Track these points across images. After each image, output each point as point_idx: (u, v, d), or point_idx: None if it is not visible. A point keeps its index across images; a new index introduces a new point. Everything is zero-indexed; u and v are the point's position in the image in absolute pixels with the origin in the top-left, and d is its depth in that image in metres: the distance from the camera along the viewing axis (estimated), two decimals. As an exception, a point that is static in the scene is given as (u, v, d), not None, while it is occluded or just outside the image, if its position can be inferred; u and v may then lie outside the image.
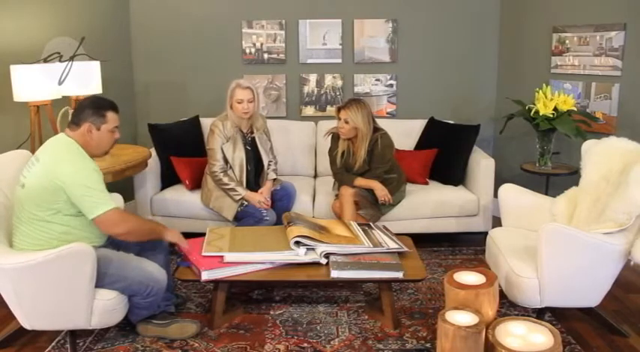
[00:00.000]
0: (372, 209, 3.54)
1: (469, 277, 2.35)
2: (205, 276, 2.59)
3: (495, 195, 3.36)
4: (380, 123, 3.60)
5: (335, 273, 2.61)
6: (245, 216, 3.46)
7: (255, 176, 3.64)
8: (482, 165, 3.79)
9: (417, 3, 4.41)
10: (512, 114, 3.84)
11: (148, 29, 4.45)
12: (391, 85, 4.51)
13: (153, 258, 2.63)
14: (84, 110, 2.48)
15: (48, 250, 2.26)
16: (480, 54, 4.47)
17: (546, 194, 3.35)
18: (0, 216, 2.49)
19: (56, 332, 2.67)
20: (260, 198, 3.45)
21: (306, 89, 4.54)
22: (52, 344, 2.62)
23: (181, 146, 3.96)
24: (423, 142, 4.18)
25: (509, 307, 2.90)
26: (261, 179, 3.65)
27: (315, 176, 4.29)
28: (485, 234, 3.11)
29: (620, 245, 2.45)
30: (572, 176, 3.48)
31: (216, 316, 2.77)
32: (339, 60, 4.48)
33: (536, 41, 4.10)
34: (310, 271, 2.68)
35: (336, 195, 3.63)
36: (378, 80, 4.51)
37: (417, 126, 4.27)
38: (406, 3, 4.40)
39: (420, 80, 4.50)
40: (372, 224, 3.19)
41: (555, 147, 3.74)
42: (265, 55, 4.48)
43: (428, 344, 2.61)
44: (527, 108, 3.70)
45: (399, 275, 2.62)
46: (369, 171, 3.52)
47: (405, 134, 4.20)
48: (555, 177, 3.67)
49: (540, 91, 3.66)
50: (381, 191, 3.49)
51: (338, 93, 4.53)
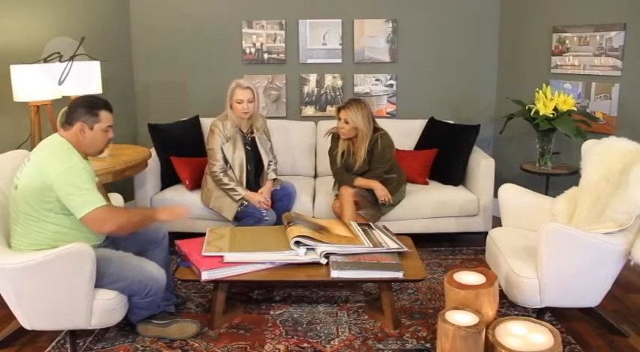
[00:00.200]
0: (372, 209, 3.54)
1: (469, 277, 2.35)
2: (205, 276, 2.59)
3: (495, 195, 3.36)
4: (380, 123, 3.60)
5: (335, 273, 2.61)
6: (245, 216, 3.46)
7: (255, 176, 3.64)
8: (482, 165, 3.79)
9: (417, 3, 4.41)
10: (512, 114, 3.84)
11: (148, 29, 4.45)
12: (391, 85, 4.51)
13: (152, 257, 2.63)
14: (77, 109, 2.43)
15: (47, 250, 2.26)
16: (480, 54, 4.47)
17: (546, 194, 3.35)
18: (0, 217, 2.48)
19: (56, 332, 2.67)
20: (260, 198, 3.45)
21: (306, 89, 4.54)
22: (52, 344, 2.62)
23: (181, 146, 3.96)
24: (423, 142, 4.18)
25: (509, 307, 2.90)
26: (261, 179, 3.65)
27: (315, 176, 4.29)
28: (486, 234, 3.11)
29: (620, 245, 2.45)
30: (572, 176, 3.48)
31: (216, 316, 2.77)
32: (339, 60, 4.48)
33: (536, 41, 4.10)
34: (310, 271, 2.68)
35: (336, 195, 3.63)
36: (378, 80, 4.50)
37: (417, 126, 4.27)
38: (406, 3, 4.40)
39: (420, 80, 4.50)
40: (372, 224, 3.19)
41: (555, 147, 3.74)
42: (265, 55, 4.48)
43: (428, 344, 2.61)
44: (527, 108, 3.70)
45: (399, 275, 2.62)
46: (369, 171, 3.52)
47: (405, 134, 4.20)
48: (555, 177, 3.67)
49: (540, 91, 3.66)
50: (381, 191, 3.49)
51: (338, 93, 4.53)
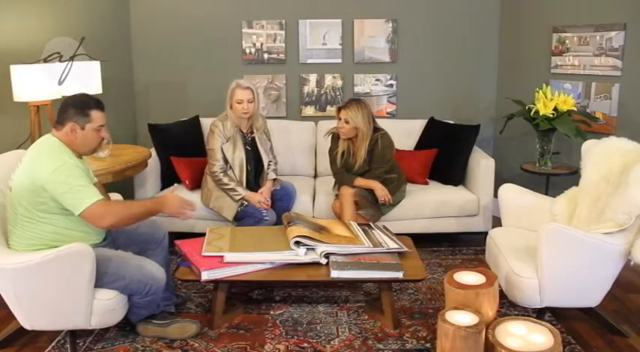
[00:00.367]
0: (372, 209, 3.53)
1: (469, 277, 2.35)
2: (205, 276, 2.59)
3: (495, 195, 3.36)
4: (380, 123, 3.60)
5: (335, 273, 2.61)
6: (245, 216, 3.46)
7: (255, 176, 3.64)
8: (482, 165, 3.79)
9: (417, 3, 4.41)
10: (512, 114, 3.84)
11: (148, 29, 4.45)
12: (391, 85, 4.51)
13: (152, 257, 2.63)
14: (68, 109, 2.40)
15: (47, 250, 2.26)
16: (480, 54, 4.47)
17: (546, 194, 3.35)
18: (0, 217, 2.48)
19: (56, 332, 2.67)
20: (260, 198, 3.45)
21: (306, 89, 4.54)
22: (52, 344, 2.62)
23: (181, 146, 3.96)
24: (423, 142, 4.18)
25: (509, 307, 2.90)
26: (261, 179, 3.65)
27: (315, 176, 4.29)
28: (486, 234, 3.11)
29: (620, 245, 2.45)
30: (572, 176, 3.48)
31: (216, 316, 2.77)
32: (339, 60, 4.48)
33: (536, 41, 4.10)
34: (310, 271, 2.67)
35: (336, 195, 3.63)
36: (378, 80, 4.50)
37: (417, 126, 4.27)
38: (406, 3, 4.40)
39: (420, 80, 4.50)
40: (372, 224, 3.19)
41: (555, 147, 3.74)
42: (265, 55, 4.47)
43: (428, 344, 2.61)
44: (527, 108, 3.69)
45: (399, 275, 2.62)
46: (369, 171, 3.52)
47: (405, 134, 4.20)
48: (555, 177, 3.67)
49: (540, 91, 3.66)
50: (381, 191, 3.49)
51: (338, 93, 4.53)
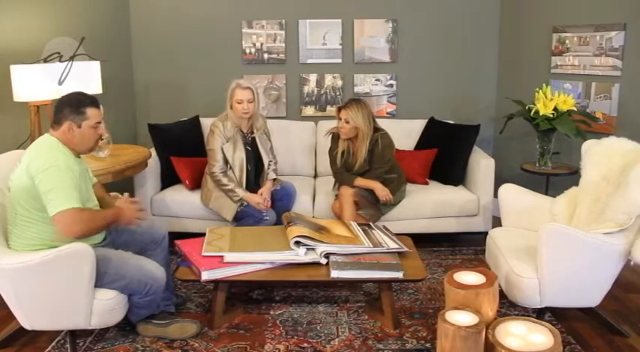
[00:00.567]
0: (371, 209, 3.53)
1: (469, 277, 2.35)
2: (205, 276, 2.59)
3: (495, 195, 3.36)
4: (380, 123, 3.60)
5: (335, 273, 2.61)
6: (245, 216, 3.46)
7: (256, 176, 3.64)
8: (482, 165, 3.79)
9: (417, 3, 4.40)
10: (512, 114, 3.84)
11: (148, 29, 4.45)
12: (391, 85, 4.51)
13: (152, 257, 2.63)
14: (63, 109, 2.39)
15: (47, 250, 2.26)
16: (480, 54, 4.47)
17: (546, 194, 3.35)
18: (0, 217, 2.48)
19: (56, 332, 2.67)
20: (259, 199, 3.45)
21: (306, 89, 4.54)
22: (52, 344, 2.62)
23: (181, 146, 3.96)
24: (423, 142, 4.18)
25: (509, 307, 2.90)
26: (261, 179, 3.65)
27: (315, 176, 4.29)
28: (486, 234, 3.11)
29: (620, 245, 2.45)
30: (572, 176, 3.48)
31: (216, 316, 2.77)
32: (339, 60, 4.47)
33: (536, 41, 4.10)
34: (310, 271, 2.67)
35: (336, 195, 3.63)
36: (378, 80, 4.50)
37: (417, 126, 4.27)
38: (406, 3, 4.40)
39: (420, 80, 4.50)
40: (372, 224, 3.19)
41: (555, 147, 3.74)
42: (265, 55, 4.47)
43: (428, 344, 2.61)
44: (527, 108, 3.69)
45: (399, 275, 2.62)
46: (369, 171, 3.52)
47: (405, 134, 4.20)
48: (555, 177, 3.67)
49: (540, 91, 3.66)
50: (382, 191, 3.48)
51: (338, 93, 4.53)
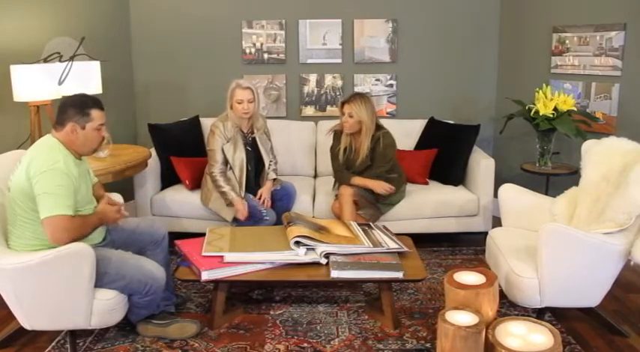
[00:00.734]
0: (371, 209, 3.53)
1: (469, 277, 2.35)
2: (205, 276, 2.59)
3: (495, 195, 3.36)
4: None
5: (335, 273, 2.61)
6: (245, 216, 3.46)
7: (256, 176, 3.64)
8: (482, 165, 3.79)
9: (417, 3, 4.40)
10: (512, 114, 3.84)
11: (148, 29, 4.45)
12: (391, 85, 4.51)
13: (152, 257, 2.64)
14: (67, 110, 2.39)
15: (47, 250, 2.25)
16: (480, 54, 4.47)
17: (546, 194, 3.35)
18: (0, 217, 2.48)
19: (56, 332, 2.67)
20: (241, 207, 3.38)
21: (306, 89, 4.54)
22: (52, 344, 2.62)
23: (181, 146, 3.96)
24: (423, 142, 4.18)
25: (509, 307, 2.90)
26: (262, 179, 3.65)
27: (315, 176, 4.29)
28: (486, 234, 3.11)
29: (620, 245, 2.45)
30: (572, 176, 3.48)
31: (216, 316, 2.77)
32: (339, 60, 4.47)
33: (536, 41, 4.10)
34: (310, 271, 2.67)
35: (336, 195, 3.62)
36: (378, 80, 4.50)
37: (417, 126, 4.27)
38: (406, 3, 4.40)
39: (420, 80, 4.50)
40: (372, 224, 3.19)
41: (555, 147, 3.74)
42: (265, 55, 4.47)
43: (428, 344, 2.61)
44: (527, 108, 3.69)
45: (399, 275, 2.62)
46: (370, 170, 3.51)
47: (405, 134, 4.19)
48: (555, 177, 3.67)
49: (540, 91, 3.66)
50: (379, 187, 3.47)
51: (338, 94, 4.53)
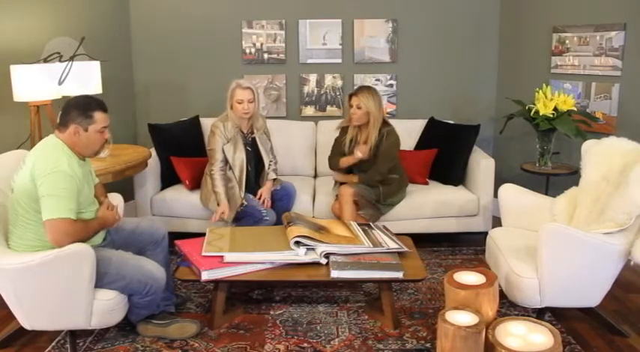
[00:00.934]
0: (371, 209, 3.54)
1: (469, 277, 2.35)
2: (205, 276, 2.59)
3: (495, 195, 3.36)
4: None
5: (335, 273, 2.61)
6: (245, 216, 3.46)
7: (256, 176, 3.64)
8: (482, 165, 3.79)
9: (417, 3, 4.40)
10: (512, 114, 3.84)
11: (148, 29, 4.45)
12: (391, 85, 4.51)
13: (152, 257, 2.64)
14: (70, 111, 2.39)
15: (47, 251, 2.25)
16: (480, 54, 4.47)
17: (546, 194, 3.35)
18: (0, 217, 2.47)
19: (56, 332, 2.67)
20: (216, 215, 3.38)
21: (306, 89, 4.54)
22: (52, 344, 2.62)
23: (181, 146, 3.96)
24: (423, 142, 4.18)
25: (509, 307, 2.90)
26: (262, 179, 3.65)
27: (315, 176, 4.29)
28: (486, 234, 3.11)
29: (620, 245, 2.45)
30: (572, 176, 3.48)
31: (216, 316, 2.77)
32: (339, 60, 4.47)
33: (536, 41, 4.10)
34: (310, 271, 2.67)
35: (336, 195, 3.62)
36: (378, 80, 4.50)
37: (417, 126, 4.27)
38: (406, 3, 4.40)
39: (420, 80, 4.50)
40: (372, 224, 3.19)
41: (555, 147, 3.74)
42: (265, 55, 4.47)
43: (428, 344, 2.61)
44: (527, 108, 3.69)
45: (399, 275, 2.62)
46: (372, 166, 3.51)
47: (405, 134, 4.16)
48: (555, 177, 3.67)
49: (540, 91, 3.66)
50: (357, 156, 3.48)
51: (338, 94, 4.53)
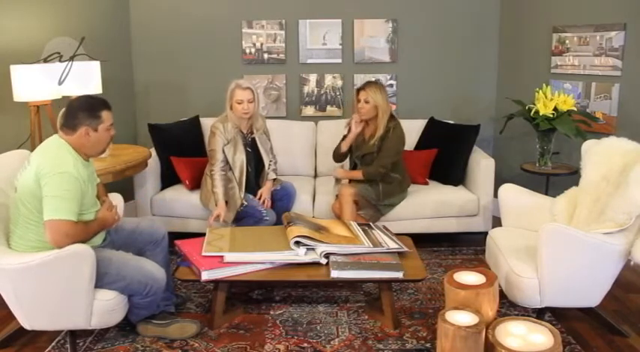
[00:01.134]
0: (371, 209, 3.54)
1: (469, 277, 2.35)
2: (205, 276, 2.59)
3: (495, 195, 3.36)
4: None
5: (335, 273, 2.61)
6: (245, 216, 3.46)
7: (256, 176, 3.64)
8: (482, 165, 3.79)
9: (417, 3, 4.40)
10: (512, 114, 3.84)
11: (148, 29, 4.45)
12: (391, 85, 4.51)
13: (152, 257, 2.64)
14: (78, 114, 2.38)
15: (47, 251, 2.25)
16: (480, 54, 4.47)
17: (546, 194, 3.35)
18: (0, 217, 2.48)
19: (56, 332, 2.67)
20: (221, 212, 3.36)
21: (306, 89, 4.54)
22: (52, 344, 2.62)
23: (181, 146, 3.96)
24: (423, 142, 4.18)
25: (509, 307, 2.90)
26: (262, 179, 3.65)
27: (315, 176, 4.29)
28: (486, 234, 3.11)
29: (620, 245, 2.45)
30: (572, 176, 3.48)
31: (216, 316, 2.77)
32: (339, 60, 4.47)
33: (536, 41, 4.10)
34: (310, 271, 2.68)
35: (336, 195, 3.63)
36: (378, 80, 4.49)
37: (417, 126, 4.26)
38: (406, 3, 4.40)
39: (420, 80, 4.50)
40: (372, 224, 3.19)
41: (555, 147, 3.74)
42: (265, 55, 4.47)
43: (428, 344, 2.61)
44: (527, 108, 3.69)
45: (399, 275, 2.62)
46: (376, 158, 3.51)
47: (405, 134, 4.17)
48: (555, 177, 3.67)
49: (540, 91, 3.66)
50: (353, 129, 3.56)
51: (338, 94, 4.53)
